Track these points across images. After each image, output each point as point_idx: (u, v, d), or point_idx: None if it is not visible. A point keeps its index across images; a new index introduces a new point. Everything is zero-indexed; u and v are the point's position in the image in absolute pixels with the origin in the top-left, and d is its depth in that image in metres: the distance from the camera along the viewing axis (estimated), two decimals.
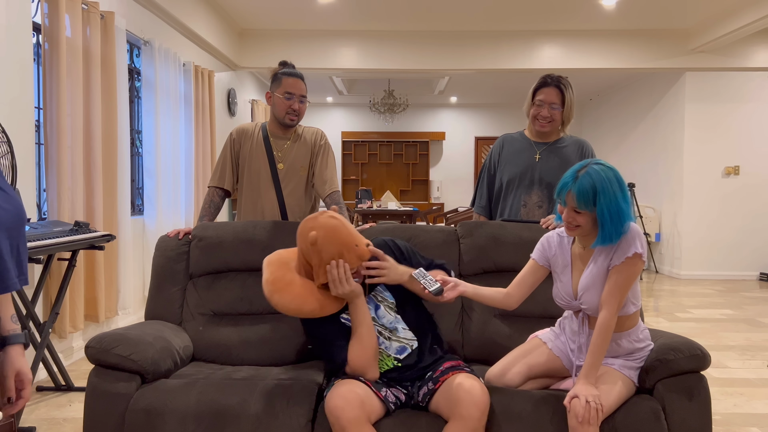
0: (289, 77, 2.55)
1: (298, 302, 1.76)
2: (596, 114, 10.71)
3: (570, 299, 1.92)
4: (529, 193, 2.64)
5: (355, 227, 2.45)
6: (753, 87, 7.51)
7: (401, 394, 1.86)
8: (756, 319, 5.26)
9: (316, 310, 1.77)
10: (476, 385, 1.71)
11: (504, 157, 2.72)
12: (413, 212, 8.41)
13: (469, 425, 1.65)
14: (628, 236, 1.81)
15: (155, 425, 1.79)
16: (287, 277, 1.80)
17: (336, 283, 1.75)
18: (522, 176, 2.65)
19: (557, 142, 2.67)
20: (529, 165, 2.65)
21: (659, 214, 8.24)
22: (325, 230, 1.73)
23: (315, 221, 1.76)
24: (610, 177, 1.80)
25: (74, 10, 3.61)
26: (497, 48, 6.95)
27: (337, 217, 1.78)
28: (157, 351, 1.98)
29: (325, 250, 1.73)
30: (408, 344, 1.88)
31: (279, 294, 1.77)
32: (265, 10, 6.23)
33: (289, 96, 2.54)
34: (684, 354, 1.83)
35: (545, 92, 2.56)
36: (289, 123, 2.59)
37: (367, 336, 1.80)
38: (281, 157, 2.64)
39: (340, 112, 11.70)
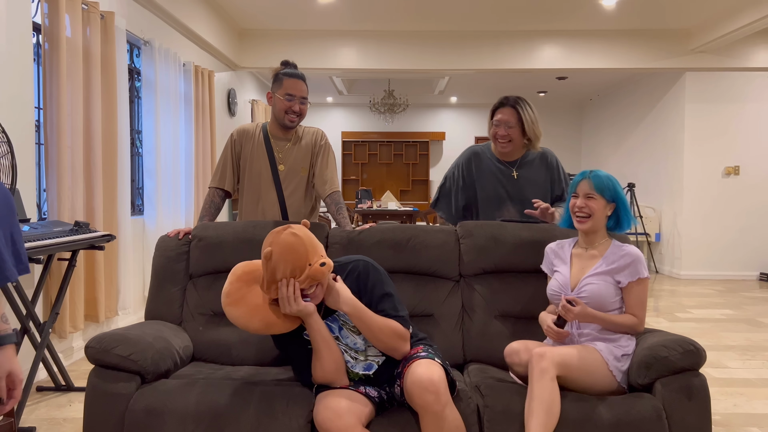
0: (290, 78, 2.54)
1: (245, 319, 1.75)
2: (596, 114, 10.71)
3: (564, 289, 2.08)
4: (500, 210, 2.70)
5: (356, 227, 2.45)
6: (753, 87, 7.51)
7: (382, 392, 1.86)
8: (756, 319, 5.26)
9: (260, 329, 1.76)
10: (424, 369, 1.67)
11: (476, 173, 2.75)
12: (413, 212, 8.42)
13: (430, 411, 1.64)
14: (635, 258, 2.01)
15: (155, 425, 1.79)
16: (242, 290, 1.79)
17: (284, 301, 1.72)
18: (494, 195, 2.70)
19: (527, 158, 2.72)
20: (502, 184, 2.69)
21: (659, 214, 8.24)
22: (281, 247, 1.69)
23: (275, 236, 1.73)
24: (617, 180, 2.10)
25: (74, 10, 3.61)
26: (497, 48, 6.95)
27: (299, 234, 1.72)
28: (157, 351, 1.98)
29: (278, 267, 1.70)
30: (374, 361, 1.86)
31: (230, 307, 1.76)
32: (265, 10, 6.23)
33: (290, 98, 2.54)
34: (678, 350, 1.84)
35: (502, 112, 2.62)
36: (289, 124, 2.58)
37: (326, 353, 1.78)
38: (282, 158, 2.64)
39: (340, 112, 11.70)
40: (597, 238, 2.11)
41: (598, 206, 2.06)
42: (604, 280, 2.01)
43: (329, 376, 1.79)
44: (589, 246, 2.12)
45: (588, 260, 2.09)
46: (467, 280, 2.40)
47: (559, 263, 2.15)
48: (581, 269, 2.09)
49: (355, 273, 1.88)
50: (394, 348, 1.80)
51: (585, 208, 2.07)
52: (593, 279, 2.02)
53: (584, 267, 2.09)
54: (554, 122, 11.59)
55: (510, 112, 2.60)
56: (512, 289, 2.35)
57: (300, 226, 1.77)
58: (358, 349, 1.85)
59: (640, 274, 1.99)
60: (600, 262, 2.05)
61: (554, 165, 2.75)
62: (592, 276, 2.03)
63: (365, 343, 1.85)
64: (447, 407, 1.65)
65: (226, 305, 1.77)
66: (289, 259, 1.69)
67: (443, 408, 1.64)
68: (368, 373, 1.85)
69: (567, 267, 2.11)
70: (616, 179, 2.12)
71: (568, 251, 2.16)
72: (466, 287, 2.38)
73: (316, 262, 1.71)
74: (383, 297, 1.84)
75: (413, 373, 1.68)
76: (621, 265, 2.01)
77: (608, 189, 2.06)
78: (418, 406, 1.66)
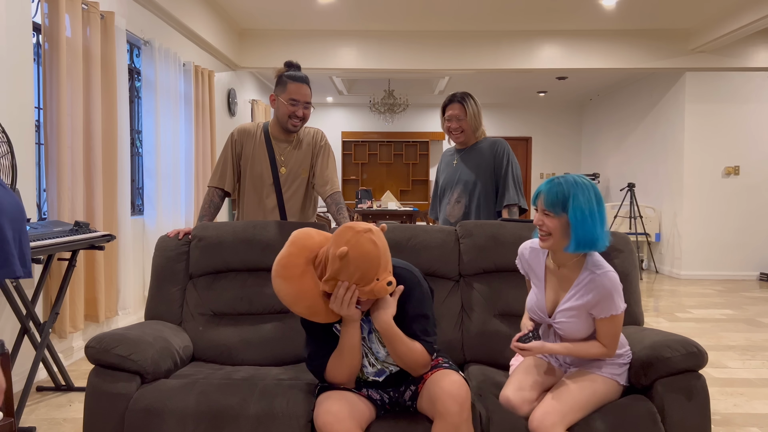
0: (294, 82, 2.52)
1: (292, 298, 1.69)
2: (596, 114, 10.71)
3: (543, 314, 1.93)
4: (452, 193, 3.05)
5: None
6: (753, 87, 7.51)
7: (384, 396, 1.86)
8: (756, 319, 5.26)
9: (302, 313, 1.71)
10: (454, 379, 1.69)
11: (440, 168, 3.21)
12: (413, 212, 8.42)
13: (450, 421, 1.63)
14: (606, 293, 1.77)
15: (155, 425, 1.79)
16: (300, 268, 1.70)
17: (337, 301, 1.68)
18: (448, 181, 3.09)
19: (474, 146, 3.06)
20: (452, 170, 3.08)
21: (659, 214, 8.24)
22: (358, 253, 1.62)
23: (354, 236, 1.64)
24: (588, 186, 1.80)
25: (74, 10, 3.61)
26: (497, 48, 6.95)
27: (378, 243, 1.65)
28: (157, 351, 1.98)
29: (347, 269, 1.63)
30: (387, 369, 1.85)
31: (281, 280, 1.69)
32: (265, 10, 6.23)
33: (294, 102, 2.52)
34: (680, 352, 1.83)
35: (451, 108, 3.00)
36: (293, 129, 2.58)
37: (348, 358, 1.76)
38: (283, 160, 2.64)
39: (340, 112, 11.70)
40: (567, 257, 1.87)
41: (554, 224, 1.80)
42: (578, 316, 1.84)
43: (341, 378, 1.78)
44: (559, 264, 1.90)
45: (561, 281, 1.90)
46: (467, 280, 2.40)
47: (534, 277, 1.98)
48: (555, 292, 1.92)
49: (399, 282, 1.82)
50: (412, 370, 1.79)
51: (543, 226, 1.82)
52: (566, 315, 1.85)
53: (558, 290, 1.91)
54: (554, 122, 11.59)
55: (457, 106, 2.98)
56: (512, 288, 2.35)
57: (380, 232, 1.70)
58: (379, 357, 1.84)
59: (613, 311, 1.78)
60: (572, 291, 1.85)
61: (501, 154, 3.00)
62: (565, 311, 1.85)
63: (387, 354, 1.84)
64: (466, 422, 1.66)
65: (278, 275, 1.69)
66: (361, 266, 1.63)
67: (463, 421, 1.65)
68: (378, 379, 1.85)
69: (542, 286, 1.94)
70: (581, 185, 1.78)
71: (541, 264, 1.96)
72: (466, 287, 2.38)
73: (384, 279, 1.66)
74: (418, 317, 1.79)
75: (443, 381, 1.68)
76: (591, 301, 1.80)
77: (561, 203, 1.77)
78: (440, 413, 1.65)
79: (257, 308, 2.35)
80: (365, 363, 1.84)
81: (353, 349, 1.76)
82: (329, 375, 1.79)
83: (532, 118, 11.58)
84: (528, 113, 11.58)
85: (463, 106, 2.97)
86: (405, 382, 1.86)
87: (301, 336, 2.28)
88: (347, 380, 1.79)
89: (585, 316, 1.84)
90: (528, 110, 11.58)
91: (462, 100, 2.97)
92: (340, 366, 1.77)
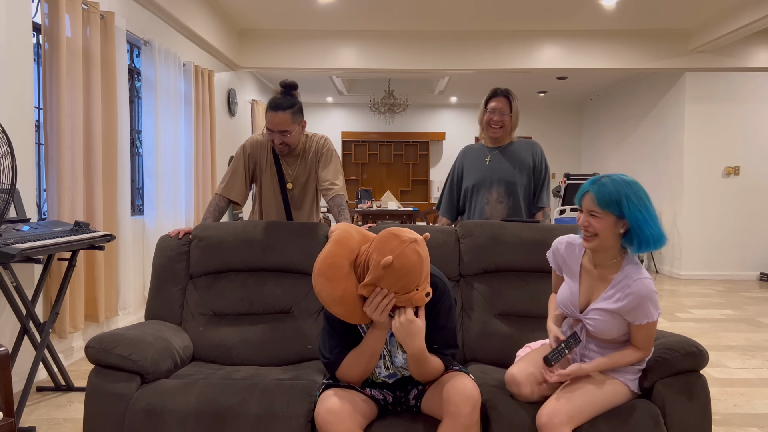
0: (269, 111, 2.49)
1: (332, 300, 1.66)
2: (596, 114, 10.71)
3: (574, 309, 1.90)
4: (490, 192, 2.99)
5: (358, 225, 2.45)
6: (753, 87, 7.51)
7: (388, 396, 1.86)
8: (756, 319, 5.26)
9: (339, 314, 1.69)
10: (466, 381, 1.69)
11: (466, 166, 3.09)
12: (413, 212, 8.41)
13: (461, 422, 1.63)
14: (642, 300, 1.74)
15: (155, 425, 1.79)
16: (344, 270, 1.68)
17: (372, 306, 1.65)
18: (482, 179, 3.01)
19: (509, 145, 3.04)
20: (486, 168, 3.01)
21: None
22: (403, 263, 1.59)
23: (400, 246, 1.61)
24: (637, 185, 1.77)
25: (74, 10, 3.61)
26: (497, 48, 6.95)
27: (422, 255, 1.63)
28: (157, 351, 1.98)
29: (389, 278, 1.61)
30: (400, 373, 1.86)
31: (325, 280, 1.65)
32: (265, 10, 6.23)
33: (269, 132, 2.51)
34: (680, 352, 1.83)
35: (496, 101, 2.96)
36: (279, 154, 2.60)
37: (367, 359, 1.76)
38: (291, 174, 2.67)
39: (340, 112, 11.70)
40: (607, 258, 1.83)
41: (603, 225, 1.74)
42: (611, 317, 1.80)
43: (353, 377, 1.78)
44: (597, 264, 1.86)
45: (597, 281, 1.86)
46: (467, 280, 2.40)
47: (568, 273, 1.94)
48: (590, 290, 1.88)
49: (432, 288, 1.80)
50: (422, 378, 1.80)
51: (589, 227, 1.77)
52: (599, 314, 1.82)
53: (593, 288, 1.87)
54: (554, 122, 11.59)
55: (504, 101, 2.96)
56: (512, 288, 2.35)
57: (423, 243, 1.67)
58: (395, 363, 1.84)
59: (648, 318, 1.75)
60: (608, 292, 1.81)
61: (540, 157, 3.03)
62: (598, 310, 1.82)
63: (404, 361, 1.83)
64: (476, 425, 1.67)
65: (321, 275, 1.66)
66: (403, 277, 1.61)
67: (474, 423, 1.65)
68: (388, 381, 1.85)
69: (576, 283, 1.91)
70: (631, 184, 1.74)
71: (577, 261, 1.92)
72: (466, 287, 2.38)
73: (423, 290, 1.65)
74: (440, 329, 1.79)
75: (456, 382, 1.68)
76: (626, 307, 1.76)
77: (615, 203, 1.72)
78: (451, 413, 1.64)
79: (257, 308, 2.35)
80: (380, 364, 1.84)
81: (375, 353, 1.76)
82: (343, 372, 1.78)
83: (532, 118, 11.58)
84: (528, 113, 11.58)
85: (509, 101, 2.96)
86: (411, 382, 1.86)
87: (301, 336, 2.28)
88: (359, 380, 1.79)
89: (618, 318, 1.81)
90: (528, 110, 11.58)
91: (508, 95, 2.96)
92: (357, 366, 1.76)
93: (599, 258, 1.84)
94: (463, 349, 2.30)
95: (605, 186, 1.73)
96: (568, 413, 1.70)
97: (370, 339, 1.74)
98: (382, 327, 1.72)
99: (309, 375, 2.05)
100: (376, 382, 1.86)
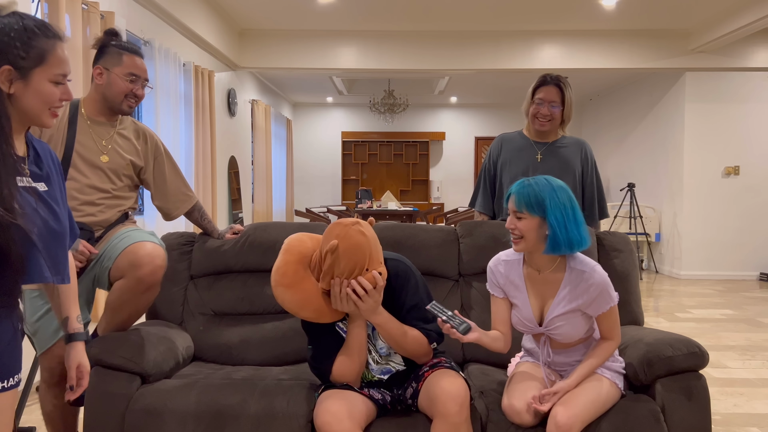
0: (131, 54, 2.08)
1: (298, 305, 1.72)
2: (596, 114, 10.71)
3: (533, 325, 1.86)
4: None
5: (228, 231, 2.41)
6: (753, 87, 7.51)
7: (386, 395, 1.87)
8: (756, 319, 5.26)
9: (311, 317, 1.74)
10: (452, 380, 1.69)
11: (504, 156, 2.69)
12: (413, 212, 8.42)
13: (450, 421, 1.64)
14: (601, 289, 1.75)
15: (155, 425, 1.79)
16: (299, 274, 1.73)
17: (335, 298, 1.71)
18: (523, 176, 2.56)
19: (557, 142, 2.65)
20: (529, 165, 2.62)
21: (659, 214, 8.24)
22: (348, 244, 1.65)
23: (343, 229, 1.67)
24: (562, 187, 1.77)
25: (74, 10, 3.61)
26: (497, 48, 6.95)
27: (367, 234, 1.69)
28: (160, 353, 1.97)
29: (338, 263, 1.66)
30: (394, 367, 1.86)
31: (284, 289, 1.71)
32: (265, 10, 6.23)
33: (134, 78, 2.08)
34: (682, 351, 1.83)
35: (545, 90, 2.54)
36: (127, 110, 2.13)
37: (356, 354, 1.78)
38: (106, 148, 2.16)
39: (340, 112, 11.70)
40: (544, 260, 1.81)
41: (526, 226, 1.74)
42: (572, 317, 1.80)
43: (349, 377, 1.79)
44: (539, 269, 1.84)
45: (544, 286, 1.84)
46: (466, 279, 2.40)
47: (513, 290, 1.88)
48: (540, 297, 1.85)
49: (393, 273, 1.82)
50: (415, 357, 1.82)
51: (515, 230, 1.76)
52: (560, 320, 1.80)
53: (543, 296, 1.84)
54: None
55: (554, 90, 2.54)
56: None
57: (368, 224, 1.73)
58: (383, 353, 1.85)
59: (610, 303, 1.77)
60: (561, 294, 1.80)
61: (588, 157, 2.67)
62: (558, 316, 1.80)
63: (390, 349, 1.85)
64: (465, 422, 1.67)
65: (279, 285, 1.71)
66: (351, 258, 1.66)
67: (462, 421, 1.65)
68: (383, 377, 1.86)
69: (524, 297, 1.86)
70: (554, 188, 1.74)
71: (518, 273, 1.87)
72: (466, 286, 2.38)
73: (374, 269, 1.69)
74: (413, 308, 1.81)
75: (442, 381, 1.69)
76: (587, 300, 1.77)
77: (536, 204, 1.72)
78: (439, 413, 1.65)
79: (258, 308, 2.35)
80: (369, 360, 1.85)
81: (362, 346, 1.78)
82: (337, 374, 1.79)
83: None
84: None
85: (562, 91, 2.53)
86: (407, 380, 1.86)
87: (301, 336, 2.28)
88: (355, 378, 1.80)
89: (578, 316, 1.81)
90: None
91: (559, 83, 2.54)
92: (350, 364, 1.77)
93: (538, 262, 1.83)
94: (462, 349, 2.30)
95: (528, 187, 1.74)
96: (579, 416, 1.70)
97: (352, 333, 1.78)
98: (357, 315, 1.75)
99: (309, 375, 2.05)
100: (373, 381, 1.86)
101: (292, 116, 11.47)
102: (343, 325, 1.84)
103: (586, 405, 1.72)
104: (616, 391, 1.83)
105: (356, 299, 1.68)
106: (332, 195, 11.68)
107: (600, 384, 1.79)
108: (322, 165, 11.67)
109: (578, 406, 1.70)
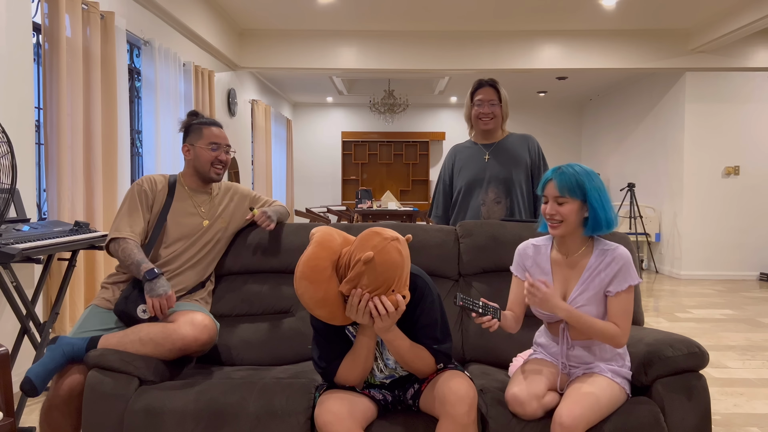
0: (210, 126, 2.29)
1: (316, 302, 1.65)
2: (596, 114, 10.71)
3: None
4: (486, 192, 2.83)
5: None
6: (753, 87, 7.51)
7: (387, 396, 1.87)
8: (756, 319, 5.26)
9: (324, 317, 1.69)
10: (461, 380, 1.69)
11: (457, 165, 2.92)
12: (413, 212, 8.42)
13: (458, 422, 1.63)
14: (625, 262, 1.82)
15: (154, 425, 1.79)
16: (327, 272, 1.66)
17: (352, 308, 1.65)
18: (476, 178, 2.84)
19: (503, 140, 2.88)
20: (480, 167, 2.84)
21: (659, 214, 8.24)
22: (383, 259, 1.59)
23: (381, 242, 1.61)
24: (593, 172, 1.87)
25: (74, 10, 3.61)
26: (497, 48, 6.95)
27: (403, 254, 1.63)
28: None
29: (368, 275, 1.60)
30: (398, 374, 1.86)
31: (308, 283, 1.63)
32: (265, 10, 6.23)
33: (215, 147, 2.28)
34: (682, 351, 1.83)
35: (483, 92, 2.80)
36: (217, 177, 2.31)
37: (362, 361, 1.76)
38: (204, 212, 2.36)
39: (340, 112, 11.70)
40: (576, 243, 1.89)
41: (569, 210, 1.82)
42: (595, 301, 1.83)
43: (353, 381, 1.78)
44: (568, 253, 1.90)
45: (570, 270, 1.89)
46: (467, 280, 2.40)
47: (538, 273, 1.94)
48: (565, 281, 1.90)
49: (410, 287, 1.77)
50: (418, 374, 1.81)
51: (555, 215, 1.83)
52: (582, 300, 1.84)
53: (568, 279, 1.89)
54: (554, 122, 11.59)
55: (491, 90, 2.80)
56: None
57: (405, 243, 1.67)
58: (388, 365, 1.84)
59: (630, 281, 1.81)
60: (585, 276, 1.85)
61: (536, 151, 2.89)
62: (580, 295, 1.85)
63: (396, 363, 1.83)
64: (473, 424, 1.66)
65: (305, 278, 1.63)
66: (382, 274, 1.60)
67: (471, 423, 1.65)
68: (386, 381, 1.86)
69: (549, 280, 1.90)
70: (589, 172, 1.85)
71: (546, 256, 1.94)
72: (466, 286, 2.38)
73: (399, 292, 1.64)
74: (426, 326, 1.78)
75: (451, 382, 1.68)
76: (609, 275, 1.82)
77: (578, 188, 1.81)
78: (447, 413, 1.64)
79: (257, 309, 2.35)
80: (374, 369, 1.84)
81: (369, 354, 1.76)
82: (341, 377, 1.78)
83: (532, 118, 11.57)
84: (528, 113, 11.58)
85: (497, 91, 2.79)
86: (409, 381, 1.87)
87: (300, 337, 2.28)
88: (359, 382, 1.79)
89: (599, 300, 1.83)
90: (528, 110, 11.58)
91: (494, 83, 2.80)
92: (354, 369, 1.76)
93: (568, 246, 1.90)
94: (463, 349, 2.30)
95: (565, 174, 1.83)
96: (585, 417, 1.69)
97: (361, 342, 1.75)
98: (370, 329, 1.72)
99: (308, 374, 2.05)
100: (376, 384, 1.87)
101: (292, 116, 11.47)
102: (353, 329, 1.83)
103: (591, 406, 1.71)
104: (622, 395, 1.82)
105: (375, 315, 1.64)
106: (332, 195, 11.68)
107: (608, 387, 1.79)
108: (322, 165, 11.68)
109: (584, 408, 1.70)
